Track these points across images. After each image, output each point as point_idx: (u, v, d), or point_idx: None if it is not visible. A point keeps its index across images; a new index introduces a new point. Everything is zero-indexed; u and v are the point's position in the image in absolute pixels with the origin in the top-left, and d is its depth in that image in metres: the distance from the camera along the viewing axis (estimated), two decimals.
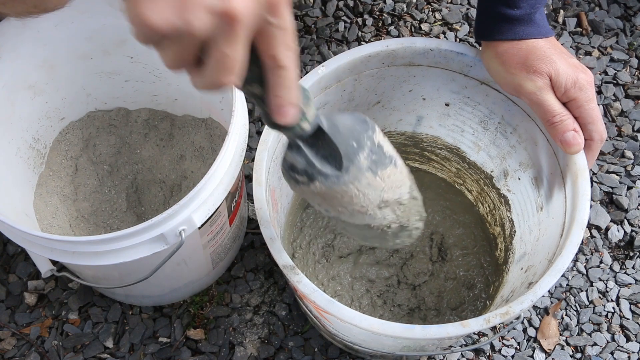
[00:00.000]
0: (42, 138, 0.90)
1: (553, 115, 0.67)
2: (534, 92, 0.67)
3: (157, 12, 0.35)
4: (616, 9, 1.16)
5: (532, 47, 0.68)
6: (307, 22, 1.14)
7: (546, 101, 0.67)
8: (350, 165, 0.53)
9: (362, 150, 0.53)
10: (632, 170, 1.03)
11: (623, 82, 1.09)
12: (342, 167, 0.53)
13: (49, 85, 0.86)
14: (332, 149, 0.52)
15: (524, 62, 0.68)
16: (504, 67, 0.69)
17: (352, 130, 0.53)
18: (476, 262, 0.91)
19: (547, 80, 0.67)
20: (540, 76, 0.67)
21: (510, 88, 0.70)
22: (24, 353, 0.90)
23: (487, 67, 0.73)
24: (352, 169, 0.53)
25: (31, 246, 0.70)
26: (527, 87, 0.67)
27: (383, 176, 0.55)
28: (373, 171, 0.54)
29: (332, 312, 0.61)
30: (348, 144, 0.52)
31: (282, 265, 0.64)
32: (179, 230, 0.68)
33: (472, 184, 0.93)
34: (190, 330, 0.91)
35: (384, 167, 0.55)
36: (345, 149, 0.52)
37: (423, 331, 0.61)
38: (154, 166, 0.95)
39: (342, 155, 0.52)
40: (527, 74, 0.67)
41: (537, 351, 0.91)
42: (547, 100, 0.67)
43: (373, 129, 0.54)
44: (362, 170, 0.53)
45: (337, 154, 0.52)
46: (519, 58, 0.68)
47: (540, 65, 0.67)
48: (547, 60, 0.67)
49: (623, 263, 0.97)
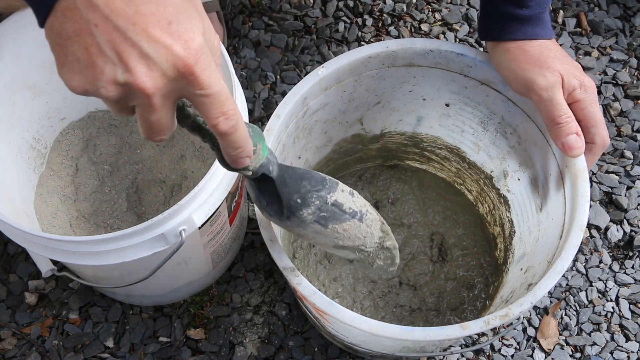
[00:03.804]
0: (43, 138, 0.90)
1: (560, 115, 0.66)
2: (546, 88, 0.66)
3: (73, 81, 0.40)
4: (615, 9, 1.16)
5: (544, 46, 0.68)
6: (307, 22, 1.14)
7: (557, 98, 0.66)
8: (291, 216, 0.58)
9: (307, 207, 0.57)
10: (631, 170, 1.03)
11: (622, 82, 1.10)
12: (282, 215, 0.58)
13: (49, 85, 0.86)
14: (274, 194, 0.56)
15: (538, 58, 0.67)
16: (516, 62, 0.69)
17: (299, 187, 0.57)
18: (476, 262, 0.92)
19: (559, 78, 0.66)
20: (553, 73, 0.66)
21: (521, 84, 0.69)
22: (25, 353, 0.90)
23: (497, 63, 0.72)
24: (294, 219, 0.58)
25: (32, 246, 0.70)
26: (540, 83, 0.66)
27: (337, 229, 0.60)
28: (322, 224, 0.59)
29: (332, 313, 0.62)
30: (291, 199, 0.57)
31: (282, 267, 0.64)
32: (180, 230, 0.68)
33: (472, 184, 0.93)
34: (190, 330, 0.91)
35: (338, 222, 0.60)
36: (288, 202, 0.57)
37: (423, 333, 0.61)
38: (154, 166, 0.95)
39: (284, 206, 0.57)
40: (541, 69, 0.67)
41: (537, 351, 0.91)
42: (558, 97, 0.66)
43: (330, 189, 0.58)
44: (307, 222, 0.58)
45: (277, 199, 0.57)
46: (532, 54, 0.68)
47: (554, 63, 0.67)
48: (558, 60, 0.67)
49: (622, 263, 0.97)
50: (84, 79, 0.40)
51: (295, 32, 1.13)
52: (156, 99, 0.40)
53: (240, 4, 1.16)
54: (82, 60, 0.39)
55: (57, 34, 0.39)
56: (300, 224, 0.58)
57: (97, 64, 0.39)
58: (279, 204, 0.57)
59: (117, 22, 0.38)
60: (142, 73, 0.39)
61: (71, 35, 0.39)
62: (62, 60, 0.40)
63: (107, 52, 0.38)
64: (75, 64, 0.39)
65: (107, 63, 0.39)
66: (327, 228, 0.59)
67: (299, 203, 0.57)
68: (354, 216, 0.61)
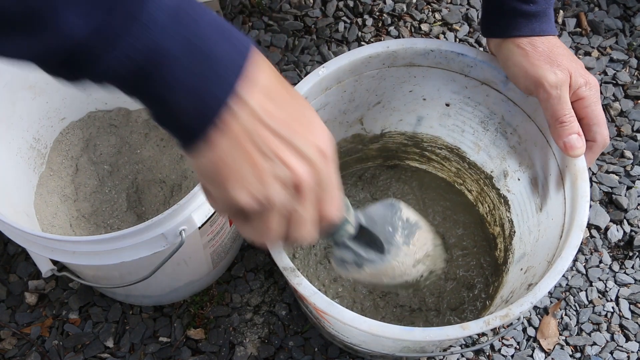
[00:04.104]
0: (43, 138, 0.90)
1: (564, 114, 0.66)
2: (556, 85, 0.66)
3: (242, 194, 0.42)
4: (615, 9, 1.16)
5: (553, 43, 0.68)
6: (307, 22, 1.14)
7: (564, 97, 0.66)
8: (390, 247, 0.61)
9: (397, 231, 0.62)
10: (631, 170, 1.03)
11: (622, 82, 1.10)
12: (384, 250, 0.61)
13: (49, 85, 0.86)
14: (373, 238, 0.60)
15: (549, 55, 0.67)
16: (527, 58, 0.68)
17: (385, 217, 0.61)
18: (476, 262, 0.92)
19: (568, 76, 0.66)
20: (563, 71, 0.66)
21: (530, 80, 0.68)
22: (25, 353, 0.90)
23: (504, 59, 0.71)
24: (392, 249, 0.61)
25: (32, 246, 0.70)
26: (551, 80, 0.66)
27: (414, 242, 0.64)
28: (407, 243, 0.63)
29: (332, 314, 0.62)
30: (386, 231, 0.61)
31: (282, 267, 0.64)
32: (180, 230, 0.68)
33: (472, 184, 0.93)
34: (190, 330, 0.91)
35: (413, 235, 0.63)
36: (384, 235, 0.61)
37: (423, 333, 0.61)
38: (154, 166, 0.95)
39: (383, 241, 0.61)
40: (551, 66, 0.66)
41: (537, 351, 0.91)
42: (565, 96, 0.66)
43: (399, 208, 0.63)
44: (399, 246, 0.62)
45: (378, 241, 0.61)
46: (542, 50, 0.67)
47: (564, 60, 0.66)
48: (567, 58, 0.67)
49: (622, 263, 0.97)
50: (252, 188, 0.42)
51: (295, 32, 1.13)
52: (308, 190, 0.44)
53: (240, 4, 1.16)
54: (249, 172, 0.42)
55: (223, 153, 0.41)
56: (396, 252, 0.62)
57: (265, 170, 0.42)
58: (375, 244, 0.61)
59: (275, 129, 0.41)
60: (302, 169, 0.43)
61: (237, 152, 0.41)
62: (228, 178, 0.42)
63: (271, 157, 0.42)
64: (241, 177, 0.42)
65: (272, 166, 0.42)
66: (410, 245, 0.63)
67: (391, 231, 0.61)
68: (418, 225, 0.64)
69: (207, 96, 0.39)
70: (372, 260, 0.61)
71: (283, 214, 0.45)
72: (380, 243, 0.61)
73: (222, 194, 0.43)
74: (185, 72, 0.38)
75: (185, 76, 0.38)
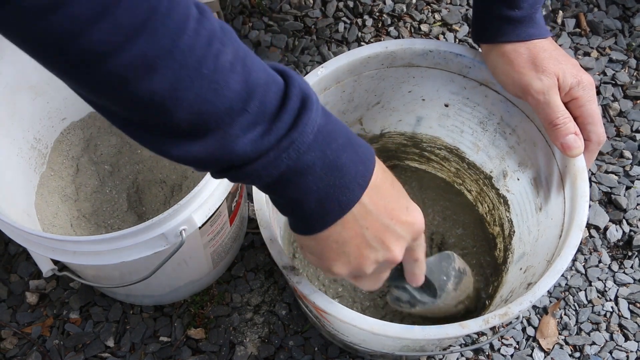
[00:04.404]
0: (44, 138, 0.90)
1: (557, 117, 0.66)
2: (542, 91, 0.66)
3: (342, 270, 0.50)
4: (615, 9, 1.16)
5: (539, 47, 0.68)
6: (307, 22, 1.14)
7: (553, 102, 0.66)
8: (442, 293, 0.69)
9: (450, 280, 0.70)
10: (630, 170, 1.03)
11: (622, 82, 1.10)
12: (437, 296, 0.69)
13: (50, 85, 0.86)
14: (429, 284, 0.68)
15: (533, 62, 0.67)
16: (511, 66, 0.69)
17: (440, 267, 0.70)
18: (476, 262, 0.92)
19: (555, 80, 0.66)
20: (549, 76, 0.66)
21: (517, 88, 0.69)
22: (26, 352, 0.90)
23: (492, 67, 0.72)
24: (443, 294, 0.70)
25: (32, 246, 0.70)
26: (536, 86, 0.67)
27: (460, 288, 0.72)
28: (455, 289, 0.71)
29: (331, 312, 0.62)
30: (440, 280, 0.69)
31: (282, 266, 0.65)
32: (180, 230, 0.68)
33: (471, 184, 0.94)
34: (190, 330, 0.91)
35: (460, 281, 0.72)
36: (439, 283, 0.69)
37: (422, 332, 0.61)
38: (154, 166, 0.95)
39: (437, 288, 0.69)
40: (536, 73, 0.67)
41: (536, 350, 0.91)
42: (554, 100, 0.66)
43: (454, 259, 0.71)
44: (449, 292, 0.70)
45: (433, 287, 0.69)
46: (527, 57, 0.67)
47: (549, 65, 0.66)
48: (554, 61, 0.67)
49: (621, 263, 0.97)
50: (350, 266, 0.50)
51: (295, 33, 1.14)
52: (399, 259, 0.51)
53: (241, 5, 1.16)
54: (352, 255, 0.49)
55: (334, 240, 0.48)
56: (446, 297, 0.70)
57: (365, 255, 0.49)
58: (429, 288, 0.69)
59: (381, 219, 0.48)
60: (397, 250, 0.50)
61: (347, 240, 0.48)
62: (333, 258, 0.49)
63: (373, 245, 0.49)
64: (344, 258, 0.49)
65: (372, 252, 0.49)
66: (457, 290, 0.72)
67: (445, 280, 0.70)
68: (465, 272, 0.73)
69: (334, 202, 0.46)
70: (424, 302, 0.69)
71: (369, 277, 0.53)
72: (434, 289, 0.69)
73: (322, 264, 0.51)
74: (319, 181, 0.44)
75: (318, 184, 0.45)
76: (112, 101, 0.38)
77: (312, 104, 0.43)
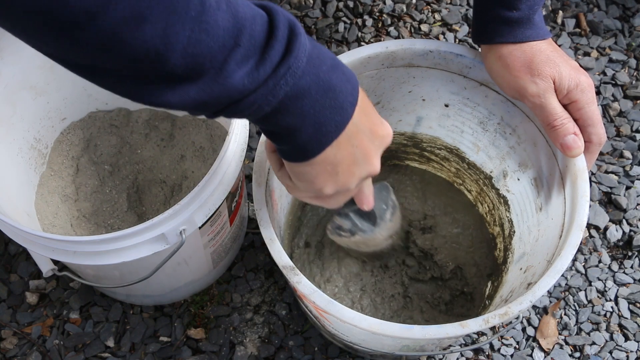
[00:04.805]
0: (44, 138, 0.90)
1: (554, 119, 0.66)
2: (538, 95, 0.66)
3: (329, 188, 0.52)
4: (615, 9, 1.16)
5: (535, 50, 0.68)
6: (307, 22, 1.14)
7: (549, 104, 0.66)
8: (380, 221, 0.72)
9: (388, 209, 0.73)
10: (630, 171, 1.03)
11: (622, 82, 1.10)
12: (375, 224, 0.72)
13: (50, 85, 0.86)
14: (371, 212, 0.70)
15: (528, 65, 0.67)
16: (507, 70, 0.69)
17: (380, 196, 0.72)
18: (475, 261, 0.92)
19: (551, 83, 0.66)
20: (544, 79, 0.66)
21: (513, 91, 0.69)
22: (26, 352, 0.90)
23: (489, 69, 0.72)
24: (381, 223, 0.72)
25: (32, 246, 0.70)
26: (531, 90, 0.67)
27: (394, 219, 0.75)
28: (390, 220, 0.73)
29: (331, 312, 0.62)
30: (380, 208, 0.72)
31: (282, 265, 0.65)
32: (180, 230, 0.68)
33: (471, 184, 0.94)
34: (190, 330, 0.91)
35: (395, 213, 0.74)
36: (379, 212, 0.71)
37: (422, 331, 0.61)
38: (154, 166, 0.95)
39: (377, 216, 0.71)
40: (532, 77, 0.67)
41: (536, 350, 0.91)
42: (550, 103, 0.66)
43: (390, 190, 0.74)
44: (386, 221, 0.73)
45: (373, 214, 0.71)
46: (522, 61, 0.67)
47: (545, 68, 0.66)
48: (550, 63, 0.67)
49: (621, 263, 0.97)
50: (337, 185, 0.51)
51: None
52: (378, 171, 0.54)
53: None
54: (342, 173, 0.51)
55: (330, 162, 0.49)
56: (383, 225, 0.72)
57: (352, 172, 0.51)
58: (369, 217, 0.71)
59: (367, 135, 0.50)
60: (377, 163, 0.53)
61: (340, 160, 0.50)
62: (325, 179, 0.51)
63: (360, 161, 0.51)
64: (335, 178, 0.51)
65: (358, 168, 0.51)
66: (392, 221, 0.73)
67: (384, 208, 0.72)
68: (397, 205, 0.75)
69: (330, 123, 0.47)
70: (364, 230, 0.71)
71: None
72: (374, 217, 0.71)
73: (311, 187, 0.52)
74: (315, 103, 0.45)
75: (315, 107, 0.46)
76: (105, 59, 0.39)
77: (299, 30, 0.44)
